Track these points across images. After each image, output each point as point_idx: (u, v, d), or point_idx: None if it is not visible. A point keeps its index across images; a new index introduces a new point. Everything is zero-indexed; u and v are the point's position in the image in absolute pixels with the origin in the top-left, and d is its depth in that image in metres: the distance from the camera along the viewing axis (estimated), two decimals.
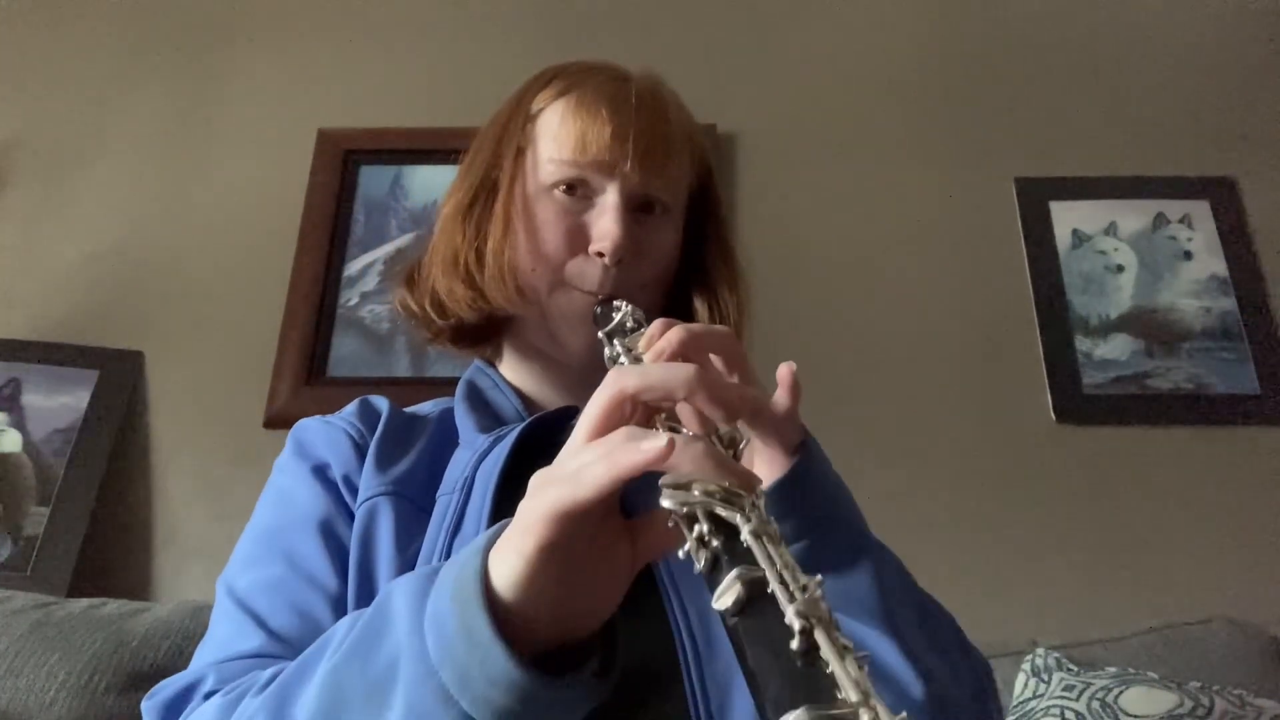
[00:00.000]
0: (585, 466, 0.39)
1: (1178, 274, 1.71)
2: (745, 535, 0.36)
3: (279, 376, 1.66)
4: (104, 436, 1.62)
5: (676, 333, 0.51)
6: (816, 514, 0.53)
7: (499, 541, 0.42)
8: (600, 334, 0.63)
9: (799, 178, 1.81)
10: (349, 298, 1.74)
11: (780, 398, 0.52)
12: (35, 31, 2.01)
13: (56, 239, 1.81)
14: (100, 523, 1.56)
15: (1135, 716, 1.09)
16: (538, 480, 0.42)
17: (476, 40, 1.94)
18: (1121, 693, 1.12)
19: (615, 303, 0.67)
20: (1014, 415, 1.61)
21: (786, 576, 0.34)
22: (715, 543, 0.36)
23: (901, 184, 1.80)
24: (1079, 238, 1.75)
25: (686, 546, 0.37)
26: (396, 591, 0.45)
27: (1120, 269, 1.72)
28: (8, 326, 1.72)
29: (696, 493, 0.38)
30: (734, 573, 0.34)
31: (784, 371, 0.53)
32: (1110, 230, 1.75)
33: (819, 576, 0.34)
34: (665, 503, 0.37)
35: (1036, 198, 1.77)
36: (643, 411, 0.46)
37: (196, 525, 1.57)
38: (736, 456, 0.46)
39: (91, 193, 1.85)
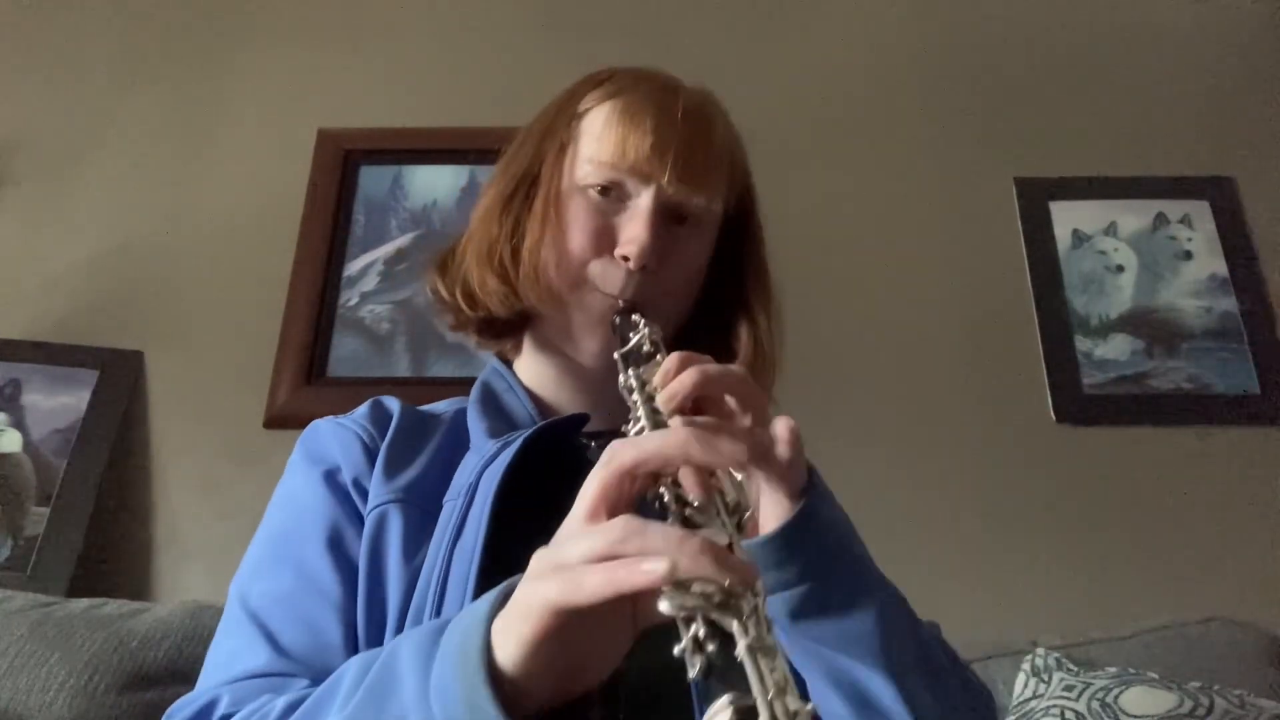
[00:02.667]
0: (586, 573, 0.40)
1: (1178, 274, 1.71)
2: (741, 650, 0.36)
3: (279, 376, 1.65)
4: (104, 436, 1.61)
5: (691, 375, 0.51)
6: (821, 557, 0.53)
7: (500, 620, 0.43)
8: (616, 355, 0.62)
9: (799, 178, 1.81)
10: (349, 298, 1.74)
11: (782, 450, 0.52)
12: (35, 31, 2.01)
13: (56, 239, 1.81)
14: (100, 523, 1.56)
15: (1135, 716, 1.09)
16: (538, 565, 0.43)
17: (476, 41, 1.94)
18: (1121, 693, 1.12)
19: (634, 317, 0.66)
20: (1014, 415, 1.61)
21: (777, 707, 0.34)
22: (710, 648, 0.36)
23: (901, 184, 1.80)
24: (1079, 238, 1.75)
25: (682, 646, 0.37)
26: (403, 651, 0.47)
27: (1120, 269, 1.72)
28: (8, 326, 1.71)
29: (695, 592, 0.38)
30: (726, 698, 0.35)
31: (782, 430, 0.52)
32: (1110, 230, 1.75)
33: (810, 706, 0.35)
34: (663, 606, 0.38)
35: (1036, 198, 1.77)
36: (644, 479, 0.46)
37: (196, 525, 1.57)
38: (741, 525, 0.46)
39: (92, 193, 1.85)
